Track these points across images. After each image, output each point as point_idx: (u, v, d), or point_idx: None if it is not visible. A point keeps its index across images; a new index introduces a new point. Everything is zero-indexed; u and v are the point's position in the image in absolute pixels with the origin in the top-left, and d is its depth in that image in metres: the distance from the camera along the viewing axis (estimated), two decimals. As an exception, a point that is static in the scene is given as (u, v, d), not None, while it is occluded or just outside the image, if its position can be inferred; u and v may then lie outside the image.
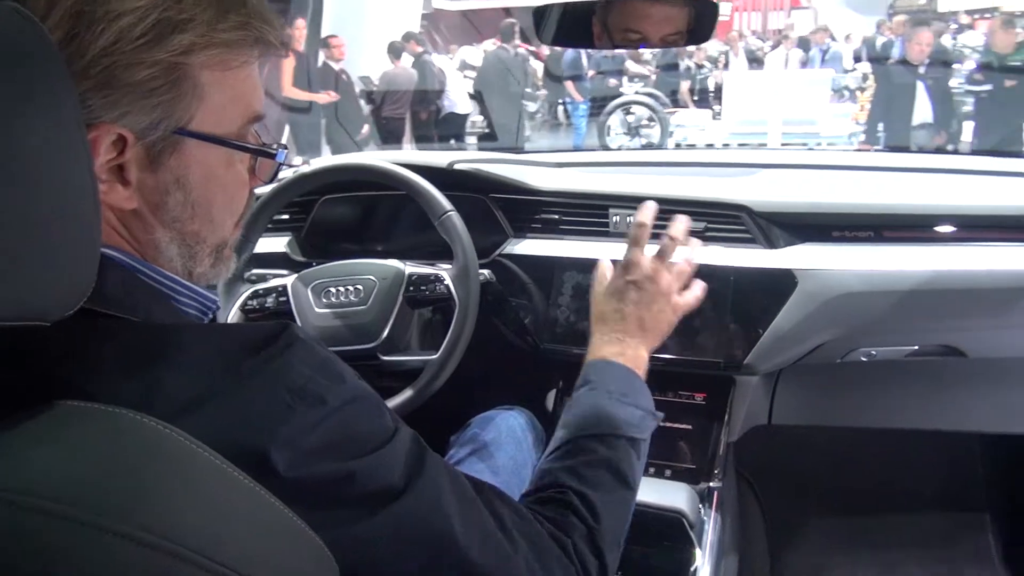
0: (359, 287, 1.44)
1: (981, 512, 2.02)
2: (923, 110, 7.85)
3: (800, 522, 2.03)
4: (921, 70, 7.70)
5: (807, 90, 9.33)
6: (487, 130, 9.40)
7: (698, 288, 1.13)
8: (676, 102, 10.45)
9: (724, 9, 21.66)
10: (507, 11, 10.13)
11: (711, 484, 1.42)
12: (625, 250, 1.14)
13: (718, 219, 1.50)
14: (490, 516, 0.77)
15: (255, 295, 1.48)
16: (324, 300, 1.44)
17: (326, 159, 1.64)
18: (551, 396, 1.61)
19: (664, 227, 1.47)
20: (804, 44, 12.42)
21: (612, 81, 11.08)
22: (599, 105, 10.02)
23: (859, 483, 2.08)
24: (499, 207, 1.64)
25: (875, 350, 1.50)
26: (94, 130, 0.66)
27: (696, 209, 1.49)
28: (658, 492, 1.33)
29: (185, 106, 0.70)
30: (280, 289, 1.48)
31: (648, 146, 8.58)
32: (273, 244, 1.72)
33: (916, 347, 1.50)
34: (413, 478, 0.71)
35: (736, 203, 1.50)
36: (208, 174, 0.74)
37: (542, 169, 1.73)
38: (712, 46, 14.18)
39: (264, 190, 1.50)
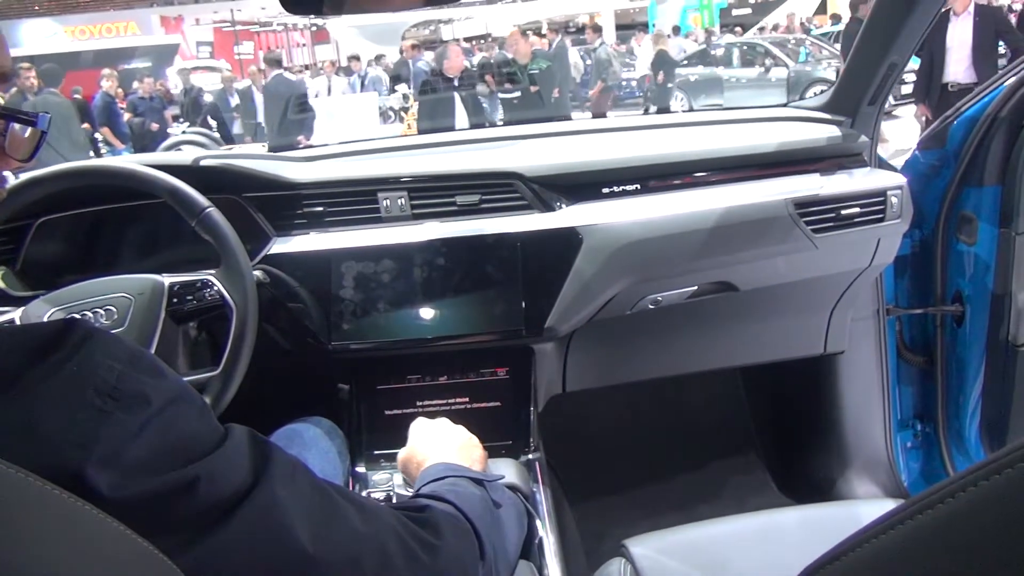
0: (111, 308, 1.23)
1: (752, 445, 2.19)
2: (461, 119, 8.61)
3: (599, 488, 2.05)
4: (455, 83, 8.45)
5: (357, 114, 9.73)
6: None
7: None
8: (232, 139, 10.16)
9: (247, 48, 21.71)
10: None
11: (531, 456, 1.39)
12: (401, 234, 1.38)
13: (492, 189, 1.48)
14: (344, 501, 0.69)
15: None
16: None
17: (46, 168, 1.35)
18: (348, 396, 1.50)
19: (448, 203, 1.46)
20: (347, 71, 13.02)
21: (154, 125, 10.42)
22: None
23: (647, 437, 2.17)
24: (255, 207, 1.47)
25: (660, 296, 1.55)
26: None
27: (468, 182, 1.47)
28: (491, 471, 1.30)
29: None
30: (5, 326, 1.22)
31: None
32: None
33: (695, 287, 1.57)
34: (260, 473, 0.62)
35: (507, 171, 1.48)
36: None
37: (294, 163, 1.58)
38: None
39: None
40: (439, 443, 1.08)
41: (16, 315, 1.23)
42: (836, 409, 1.91)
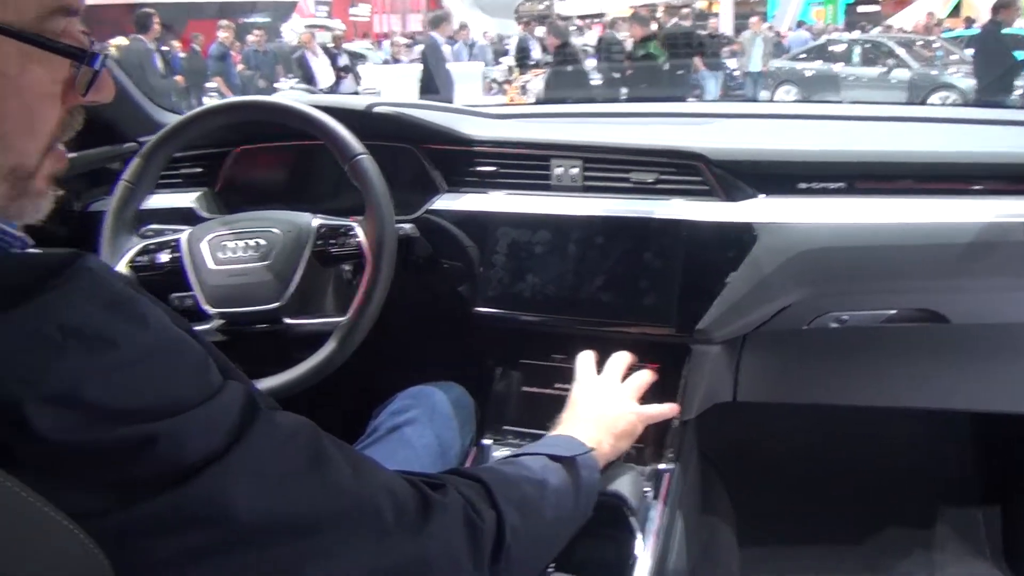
0: (260, 241, 1.26)
1: (971, 502, 1.84)
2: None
3: (770, 510, 1.81)
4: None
5: (461, 82, 9.82)
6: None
7: (667, 407, 1.19)
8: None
9: (364, 10, 22.14)
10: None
11: (660, 466, 1.24)
12: (567, 206, 1.34)
13: (671, 169, 1.35)
14: (346, 477, 0.66)
15: (146, 250, 1.30)
16: (220, 255, 1.26)
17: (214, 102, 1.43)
18: (488, 366, 1.44)
19: (621, 179, 1.38)
20: (450, 40, 13.26)
21: (262, 81, 10.70)
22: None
23: (835, 468, 1.89)
24: (430, 159, 1.46)
25: (847, 315, 1.36)
26: None
27: (646, 158, 1.37)
28: (602, 476, 1.15)
29: None
30: (174, 244, 1.29)
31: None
32: (180, 200, 1.54)
33: (893, 311, 1.36)
34: (232, 445, 0.58)
35: (691, 151, 1.34)
36: None
37: (478, 118, 1.56)
38: (359, 44, 14.36)
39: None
40: (588, 406, 1.11)
41: (183, 235, 1.28)
42: None
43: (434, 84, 8.76)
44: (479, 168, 1.45)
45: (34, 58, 0.59)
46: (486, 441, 1.33)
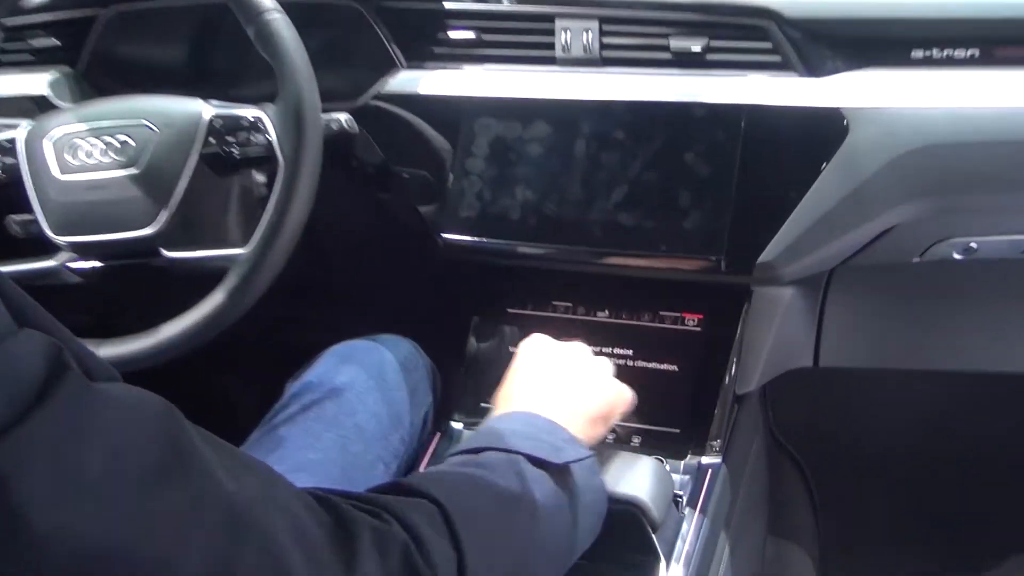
0: (127, 139, 0.97)
1: None
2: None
3: (864, 510, 1.51)
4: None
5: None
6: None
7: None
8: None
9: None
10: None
11: (703, 459, 0.98)
12: (577, 86, 1.04)
13: (728, 33, 1.02)
14: (218, 483, 0.46)
15: None
16: (71, 161, 0.99)
17: None
18: (462, 317, 1.18)
19: (656, 46, 1.06)
20: None
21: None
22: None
23: (955, 457, 1.55)
24: (384, 22, 1.14)
25: (976, 241, 1.05)
26: None
27: (692, 16, 1.03)
28: (613, 472, 0.87)
29: None
30: (7, 145, 1.01)
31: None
32: (30, 84, 1.21)
33: None
34: (23, 416, 0.40)
35: (757, 6, 0.99)
36: None
37: None
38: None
39: None
40: (546, 377, 0.82)
41: (20, 133, 0.99)
42: None
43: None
44: (454, 34, 1.11)
45: None
46: (456, 424, 1.06)
